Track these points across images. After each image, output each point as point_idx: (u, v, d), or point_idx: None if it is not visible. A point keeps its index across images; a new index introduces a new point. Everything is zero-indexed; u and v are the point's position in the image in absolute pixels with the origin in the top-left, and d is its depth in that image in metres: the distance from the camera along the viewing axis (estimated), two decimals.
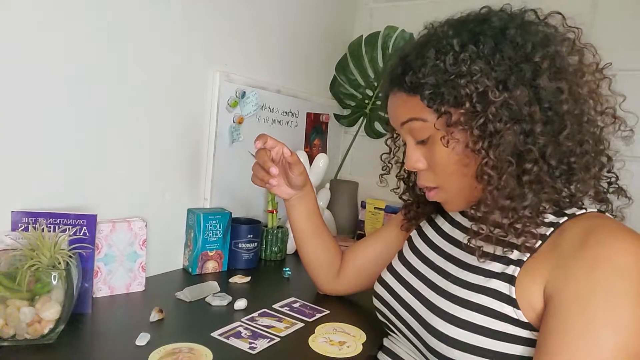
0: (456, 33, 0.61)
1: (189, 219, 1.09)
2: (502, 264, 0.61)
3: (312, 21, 1.47)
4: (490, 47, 0.58)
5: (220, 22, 1.12)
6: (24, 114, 0.78)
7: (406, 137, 0.69)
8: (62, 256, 0.70)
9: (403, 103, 0.66)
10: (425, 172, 0.68)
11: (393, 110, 0.70)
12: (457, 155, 0.63)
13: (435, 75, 0.61)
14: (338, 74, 1.59)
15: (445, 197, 0.69)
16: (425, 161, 0.68)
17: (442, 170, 0.65)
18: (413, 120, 0.65)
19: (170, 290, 0.94)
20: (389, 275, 0.78)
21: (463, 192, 0.66)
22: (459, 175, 0.64)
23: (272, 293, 0.99)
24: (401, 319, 0.72)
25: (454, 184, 0.66)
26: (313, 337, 0.79)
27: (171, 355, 0.69)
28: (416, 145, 0.68)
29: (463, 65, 0.58)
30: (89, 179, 0.89)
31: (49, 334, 0.69)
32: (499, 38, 0.59)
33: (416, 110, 0.64)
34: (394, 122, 0.70)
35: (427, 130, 0.64)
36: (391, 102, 0.70)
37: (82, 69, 0.85)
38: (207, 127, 1.13)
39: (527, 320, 0.56)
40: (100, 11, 0.86)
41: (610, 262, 0.52)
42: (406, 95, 0.65)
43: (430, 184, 0.68)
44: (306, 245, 0.95)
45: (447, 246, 0.73)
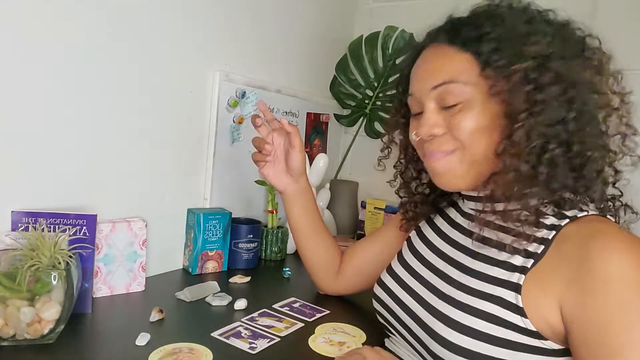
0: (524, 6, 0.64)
1: (189, 219, 1.09)
2: (505, 270, 0.60)
3: (312, 21, 1.47)
4: (557, 26, 0.61)
5: (220, 22, 1.12)
6: (24, 114, 0.78)
7: (427, 102, 0.65)
8: (62, 256, 0.70)
9: (447, 60, 0.63)
10: (440, 138, 0.65)
11: (429, 68, 0.65)
12: (484, 125, 0.61)
13: (500, 31, 0.60)
14: (338, 74, 1.59)
15: (454, 165, 0.65)
16: (443, 126, 0.64)
17: (466, 135, 0.62)
18: (450, 84, 0.62)
19: (170, 290, 0.94)
20: (389, 277, 0.77)
21: (475, 165, 0.63)
22: (480, 144, 0.62)
23: (272, 293, 0.99)
24: (402, 322, 0.72)
25: (474, 150, 0.62)
26: (313, 338, 0.79)
27: (171, 355, 0.69)
28: (438, 110, 0.65)
29: (535, 24, 0.60)
30: (89, 179, 0.89)
31: (49, 334, 0.69)
32: (560, 25, 0.62)
33: (460, 69, 0.62)
34: (424, 83, 0.65)
35: (462, 95, 0.62)
36: (427, 59, 0.66)
37: (82, 69, 0.85)
38: (207, 127, 1.13)
39: (535, 329, 0.56)
40: (100, 11, 0.86)
41: (622, 281, 0.51)
42: (455, 51, 0.63)
43: (449, 146, 0.64)
44: (304, 243, 0.95)
45: (447, 248, 0.72)
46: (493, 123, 0.61)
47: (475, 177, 0.65)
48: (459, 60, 0.62)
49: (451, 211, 0.77)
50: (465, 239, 0.70)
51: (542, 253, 0.58)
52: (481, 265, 0.64)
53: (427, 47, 0.68)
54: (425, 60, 0.67)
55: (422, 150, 0.69)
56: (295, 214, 0.94)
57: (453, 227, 0.74)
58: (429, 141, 0.66)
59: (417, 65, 0.68)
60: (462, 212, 0.74)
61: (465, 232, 0.70)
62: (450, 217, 0.76)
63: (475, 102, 0.61)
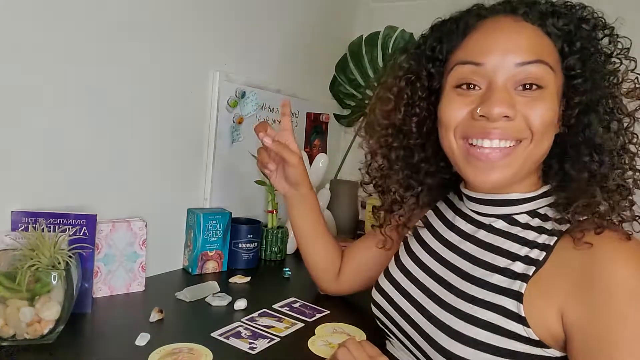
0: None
1: (189, 219, 1.09)
2: (506, 277, 0.59)
3: (312, 21, 1.47)
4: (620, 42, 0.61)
5: (220, 22, 1.12)
6: (24, 114, 0.78)
7: (503, 78, 0.57)
8: (62, 256, 0.70)
9: (537, 39, 0.58)
10: (510, 122, 0.57)
11: (517, 40, 0.57)
12: (554, 117, 0.58)
13: (578, 31, 0.59)
14: (338, 74, 1.59)
15: (513, 159, 0.58)
16: (516, 110, 0.57)
17: (542, 126, 0.57)
18: (542, 64, 0.56)
19: (170, 290, 0.94)
20: (387, 282, 0.75)
21: (529, 163, 0.59)
22: (546, 136, 0.58)
23: (272, 293, 0.99)
24: (401, 329, 0.70)
25: (540, 145, 0.59)
26: (312, 340, 0.79)
27: (171, 355, 0.69)
28: (513, 92, 0.58)
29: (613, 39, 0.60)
30: (88, 179, 0.89)
31: (48, 334, 0.69)
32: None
33: (550, 53, 0.58)
34: (508, 55, 0.57)
35: (546, 80, 0.57)
36: (513, 29, 0.59)
37: (82, 69, 0.85)
38: (207, 127, 1.13)
39: (537, 338, 0.55)
40: (100, 11, 0.86)
41: (626, 292, 0.50)
42: (540, 32, 0.58)
43: (522, 134, 0.57)
44: (305, 245, 0.95)
45: (445, 252, 0.69)
46: (556, 118, 0.59)
47: (524, 173, 0.60)
48: (545, 43, 0.58)
49: (447, 211, 0.74)
50: (463, 242, 0.67)
51: (543, 260, 0.57)
52: (481, 271, 0.62)
53: (496, 17, 0.61)
54: (509, 31, 0.58)
55: (470, 133, 0.60)
56: (295, 217, 0.94)
57: (450, 230, 0.71)
58: (492, 124, 0.57)
59: (491, 32, 0.59)
60: (460, 213, 0.71)
61: (463, 235, 0.68)
62: (446, 217, 0.73)
63: (552, 92, 0.58)
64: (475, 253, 0.64)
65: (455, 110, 0.61)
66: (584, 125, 0.58)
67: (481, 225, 0.66)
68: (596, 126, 0.58)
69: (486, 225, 0.65)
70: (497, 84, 0.57)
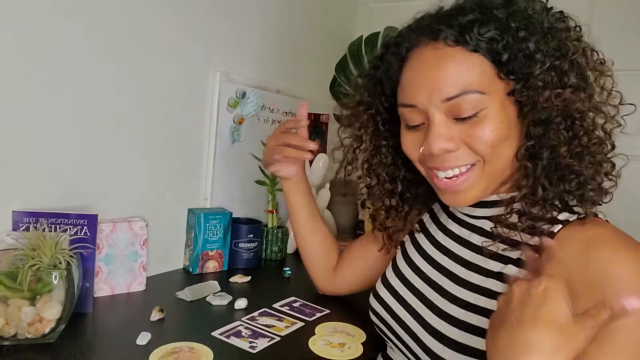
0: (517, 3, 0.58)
1: (190, 218, 1.09)
2: (498, 280, 0.58)
3: (312, 21, 1.47)
4: (567, 25, 0.58)
5: (220, 22, 1.12)
6: (25, 114, 0.78)
7: (436, 114, 0.57)
8: (63, 256, 0.70)
9: (457, 65, 0.55)
10: (455, 153, 0.58)
11: (437, 76, 0.56)
12: (504, 131, 0.57)
13: (507, 32, 0.55)
14: (338, 74, 1.59)
15: (474, 182, 0.59)
16: (457, 139, 0.58)
17: (487, 148, 0.57)
18: (468, 94, 0.55)
19: (170, 289, 0.94)
20: (384, 289, 0.74)
21: (493, 177, 0.60)
22: (501, 153, 0.58)
23: (272, 292, 1.00)
24: (398, 337, 0.70)
25: (496, 162, 0.58)
26: (313, 340, 0.79)
27: (172, 354, 0.69)
28: (449, 121, 0.58)
29: (539, 22, 0.56)
30: (89, 179, 0.89)
31: (50, 334, 0.69)
32: (568, 26, 0.59)
33: (475, 75, 0.55)
34: (433, 93, 0.56)
35: (480, 105, 0.55)
36: (431, 63, 0.57)
37: (82, 69, 0.85)
38: (207, 127, 1.13)
39: None
40: (100, 12, 0.86)
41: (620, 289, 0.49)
42: (465, 52, 0.55)
43: (468, 160, 0.58)
44: (304, 231, 0.95)
45: (440, 257, 0.69)
46: (510, 129, 0.57)
47: (495, 184, 0.61)
48: (472, 64, 0.55)
49: (440, 214, 0.74)
50: (456, 246, 0.67)
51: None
52: (475, 276, 0.61)
53: (419, 48, 0.59)
54: (429, 66, 0.57)
55: (428, 165, 0.62)
56: (299, 201, 0.93)
57: (444, 233, 0.70)
58: (439, 157, 0.59)
59: (416, 71, 0.59)
60: (452, 216, 0.70)
61: (457, 240, 0.67)
62: (441, 222, 0.73)
63: (493, 110, 0.56)
64: (468, 257, 0.64)
65: (412, 147, 0.63)
66: (531, 124, 0.57)
67: (473, 228, 0.66)
68: (542, 123, 0.56)
69: (477, 228, 0.65)
70: (433, 121, 0.58)
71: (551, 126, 0.56)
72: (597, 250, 0.52)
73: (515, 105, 0.58)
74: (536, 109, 0.56)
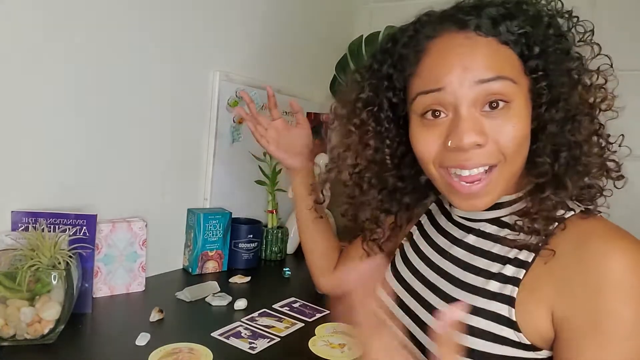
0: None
1: (189, 219, 1.09)
2: (497, 281, 0.58)
3: (312, 21, 1.47)
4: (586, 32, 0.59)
5: (220, 22, 1.12)
6: (24, 114, 0.78)
7: (466, 101, 0.54)
8: (62, 256, 0.70)
9: (492, 52, 0.54)
10: (482, 149, 0.55)
11: (472, 58, 0.54)
12: (527, 129, 0.55)
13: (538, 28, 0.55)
14: (338, 73, 1.59)
15: (494, 186, 0.56)
16: (487, 135, 0.54)
17: (515, 146, 0.55)
18: (503, 80, 0.53)
19: (170, 290, 0.94)
20: (384, 292, 0.73)
21: (513, 175, 0.57)
22: (521, 152, 0.56)
23: (272, 293, 1.00)
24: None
25: (517, 162, 0.56)
26: (313, 341, 0.79)
27: (171, 355, 0.69)
28: (479, 115, 0.55)
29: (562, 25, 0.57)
30: (89, 179, 0.89)
31: (49, 334, 0.69)
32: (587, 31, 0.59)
33: (509, 64, 0.54)
34: (466, 75, 0.54)
35: (511, 95, 0.54)
36: (465, 46, 0.55)
37: (83, 69, 0.85)
38: (207, 127, 1.13)
39: (529, 343, 0.54)
40: (100, 11, 0.86)
41: (613, 286, 0.50)
42: (496, 43, 0.54)
43: (492, 160, 0.55)
44: (308, 224, 0.95)
45: (438, 259, 0.67)
46: (529, 127, 0.57)
47: (508, 187, 0.59)
48: (504, 55, 0.55)
49: (439, 215, 0.73)
50: (453, 248, 0.66)
51: (532, 261, 0.56)
52: (473, 277, 0.61)
53: (443, 37, 0.57)
54: (461, 50, 0.55)
55: (448, 164, 0.57)
56: (306, 194, 0.94)
57: (442, 235, 0.69)
58: (465, 154, 0.55)
59: (444, 55, 0.56)
60: (451, 219, 0.70)
61: (454, 241, 0.67)
62: (438, 222, 0.72)
63: (520, 104, 0.55)
64: (466, 259, 0.64)
65: (428, 144, 0.58)
66: (549, 122, 0.57)
67: (470, 230, 0.65)
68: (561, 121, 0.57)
69: (475, 230, 0.64)
70: (462, 111, 0.54)
71: (567, 125, 0.56)
72: (591, 243, 0.52)
73: (531, 103, 0.58)
74: (556, 106, 0.56)
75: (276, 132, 0.95)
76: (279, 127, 0.95)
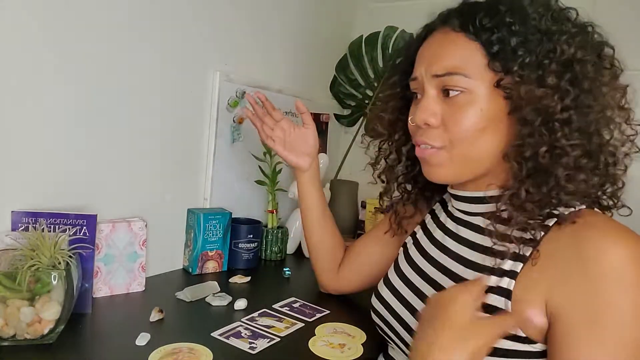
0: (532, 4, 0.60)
1: (189, 219, 1.09)
2: (495, 275, 0.58)
3: (312, 21, 1.47)
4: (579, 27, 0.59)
5: (221, 22, 1.12)
6: (24, 114, 0.78)
7: (429, 88, 0.62)
8: (62, 256, 0.70)
9: (453, 48, 0.60)
10: (434, 130, 0.62)
11: (434, 54, 0.62)
12: (484, 122, 0.59)
13: (519, 22, 0.57)
14: (338, 74, 1.59)
15: (443, 160, 0.63)
16: (440, 117, 0.62)
17: (461, 132, 0.60)
18: (454, 75, 0.59)
19: (170, 290, 0.94)
20: (386, 289, 0.75)
21: (469, 163, 0.62)
22: (472, 142, 0.60)
23: (272, 293, 1.00)
24: (400, 337, 0.70)
25: (465, 149, 0.61)
26: (313, 341, 0.79)
27: (171, 355, 0.69)
28: (440, 99, 0.62)
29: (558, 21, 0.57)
30: (89, 179, 0.89)
31: (49, 334, 0.69)
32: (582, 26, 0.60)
33: (466, 60, 0.59)
34: (428, 68, 0.62)
35: (465, 85, 0.59)
36: (434, 43, 0.63)
37: (83, 69, 0.85)
38: (207, 127, 1.13)
39: (524, 335, 0.55)
40: (101, 11, 0.86)
41: (611, 276, 0.50)
42: (463, 38, 0.59)
43: (437, 142, 0.62)
44: (314, 225, 0.96)
45: (440, 256, 0.69)
46: (491, 121, 0.59)
47: (469, 172, 0.63)
48: (466, 49, 0.59)
49: (441, 213, 0.75)
50: (454, 244, 0.67)
51: (530, 255, 0.57)
52: (473, 273, 0.62)
53: (436, 30, 0.64)
54: (431, 45, 0.64)
55: (414, 138, 0.67)
56: (314, 193, 0.96)
57: (443, 232, 0.71)
58: (419, 130, 0.64)
59: (424, 48, 0.65)
60: (450, 215, 0.71)
61: (454, 237, 0.68)
62: (439, 219, 0.74)
63: (478, 97, 0.59)
64: (465, 254, 0.65)
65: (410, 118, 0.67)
66: (520, 121, 0.58)
67: (469, 225, 0.66)
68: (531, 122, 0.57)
69: (473, 225, 0.65)
70: (426, 94, 0.63)
71: (535, 127, 0.56)
72: (590, 235, 0.53)
73: (506, 101, 0.59)
74: (519, 105, 0.57)
75: (282, 132, 0.95)
76: (285, 126, 0.95)
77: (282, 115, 0.97)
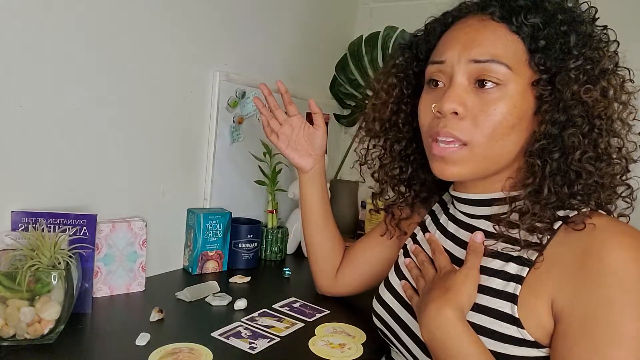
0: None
1: (189, 219, 1.09)
2: (500, 279, 0.58)
3: (312, 21, 1.47)
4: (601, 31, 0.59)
5: (220, 22, 1.12)
6: (24, 115, 0.78)
7: (460, 74, 0.58)
8: (62, 256, 0.70)
9: (497, 36, 0.57)
10: (459, 122, 0.58)
11: (474, 38, 0.58)
12: (514, 119, 0.57)
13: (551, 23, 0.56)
14: (338, 74, 1.59)
15: (463, 158, 0.59)
16: (468, 109, 0.58)
17: (491, 128, 0.57)
18: (497, 63, 0.56)
19: (170, 290, 0.94)
20: (387, 292, 0.74)
21: (487, 160, 0.59)
22: (499, 139, 0.58)
23: (272, 293, 0.99)
24: (401, 341, 0.69)
25: (490, 147, 0.58)
26: (313, 341, 0.79)
27: (171, 355, 0.69)
28: (469, 87, 0.58)
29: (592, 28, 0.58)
30: (89, 179, 0.89)
31: (49, 334, 0.69)
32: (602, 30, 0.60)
33: (510, 51, 0.56)
34: (464, 52, 0.58)
35: (505, 78, 0.56)
36: (472, 27, 0.59)
37: (82, 69, 0.85)
38: (207, 127, 1.13)
39: (533, 339, 0.54)
40: (101, 11, 0.86)
41: (614, 276, 0.50)
42: (505, 29, 0.57)
43: (463, 135, 0.58)
44: (314, 228, 0.94)
45: None
46: (519, 120, 0.57)
47: (483, 171, 0.61)
48: (508, 41, 0.57)
49: (441, 215, 0.74)
50: (455, 248, 0.67)
51: (536, 259, 0.56)
52: None
53: (468, 16, 0.62)
54: (467, 30, 0.59)
55: (432, 131, 0.61)
56: (315, 195, 0.93)
57: (444, 234, 0.70)
58: (443, 120, 0.59)
59: (455, 32, 0.61)
60: (452, 217, 0.70)
61: (455, 241, 0.67)
62: (440, 221, 0.73)
63: (512, 92, 0.57)
64: None
65: (426, 108, 0.63)
66: (549, 121, 0.57)
67: (471, 228, 0.65)
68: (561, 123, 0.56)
69: (477, 228, 0.64)
70: (454, 81, 0.59)
71: (569, 128, 0.56)
72: (595, 235, 0.53)
73: (535, 100, 0.58)
74: (558, 106, 0.56)
75: (291, 129, 0.92)
76: (295, 124, 0.93)
77: (297, 111, 0.94)
